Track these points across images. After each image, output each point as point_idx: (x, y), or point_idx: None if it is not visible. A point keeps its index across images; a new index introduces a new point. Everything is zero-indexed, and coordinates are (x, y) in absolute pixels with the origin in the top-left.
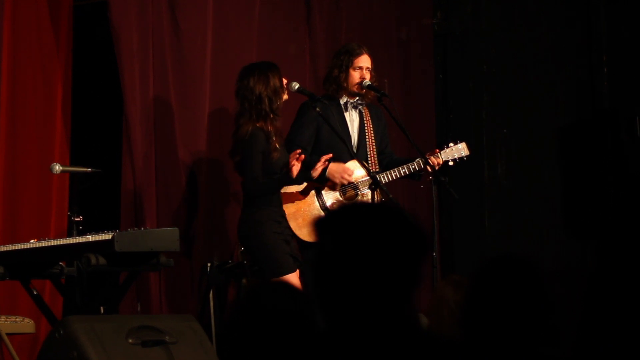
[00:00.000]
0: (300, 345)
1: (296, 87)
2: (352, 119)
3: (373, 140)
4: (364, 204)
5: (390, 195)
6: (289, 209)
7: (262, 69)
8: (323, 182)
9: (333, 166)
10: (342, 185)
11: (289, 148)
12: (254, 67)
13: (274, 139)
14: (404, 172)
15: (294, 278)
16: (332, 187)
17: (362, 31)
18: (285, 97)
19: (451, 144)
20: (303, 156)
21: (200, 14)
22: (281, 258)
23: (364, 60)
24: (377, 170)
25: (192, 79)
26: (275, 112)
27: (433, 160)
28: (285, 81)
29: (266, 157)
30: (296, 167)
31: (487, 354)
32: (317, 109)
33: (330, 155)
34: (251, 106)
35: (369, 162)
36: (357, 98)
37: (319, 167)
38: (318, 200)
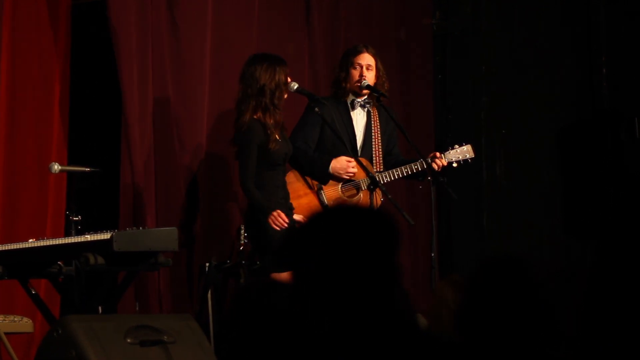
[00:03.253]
0: (297, 345)
1: (295, 87)
2: (359, 118)
3: (379, 141)
4: (325, 211)
5: (389, 196)
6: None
7: (271, 62)
8: (326, 180)
9: (335, 163)
10: (344, 183)
11: (293, 147)
12: (263, 58)
13: (273, 130)
14: (407, 172)
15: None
16: (335, 183)
17: (361, 31)
18: (285, 95)
19: (456, 146)
20: (285, 225)
21: (199, 14)
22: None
23: (364, 58)
24: (381, 169)
25: (191, 79)
26: (275, 106)
27: (438, 161)
28: (289, 80)
29: (264, 149)
30: (274, 224)
31: (485, 355)
32: (316, 109)
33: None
34: (253, 95)
35: (374, 162)
36: (365, 97)
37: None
38: (319, 198)
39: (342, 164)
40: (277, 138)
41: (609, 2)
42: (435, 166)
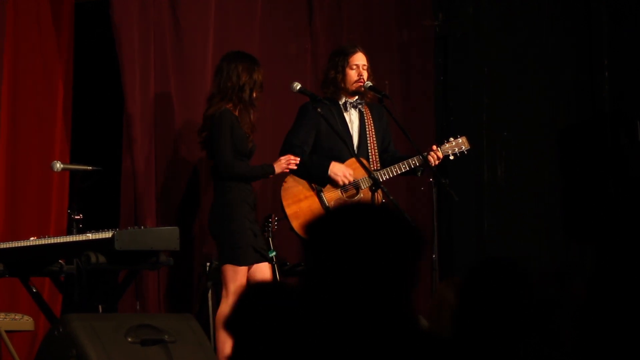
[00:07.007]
0: (297, 346)
1: (297, 87)
2: (352, 119)
3: (374, 139)
4: (358, 205)
5: (391, 197)
6: (290, 208)
7: (252, 62)
8: (325, 183)
9: (335, 166)
10: (344, 184)
11: (284, 147)
12: (244, 56)
13: (253, 128)
14: (405, 168)
15: (245, 272)
16: (334, 185)
17: (363, 32)
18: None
19: (451, 138)
20: (296, 164)
21: (201, 13)
22: (243, 248)
23: (359, 58)
24: (378, 168)
25: (192, 78)
26: (252, 104)
27: (433, 154)
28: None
29: (239, 143)
30: (281, 167)
31: (481, 353)
32: (318, 109)
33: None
34: (233, 91)
35: (370, 160)
36: (357, 98)
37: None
38: (320, 200)
39: (341, 168)
40: (248, 135)
41: (610, 4)
42: (431, 159)
